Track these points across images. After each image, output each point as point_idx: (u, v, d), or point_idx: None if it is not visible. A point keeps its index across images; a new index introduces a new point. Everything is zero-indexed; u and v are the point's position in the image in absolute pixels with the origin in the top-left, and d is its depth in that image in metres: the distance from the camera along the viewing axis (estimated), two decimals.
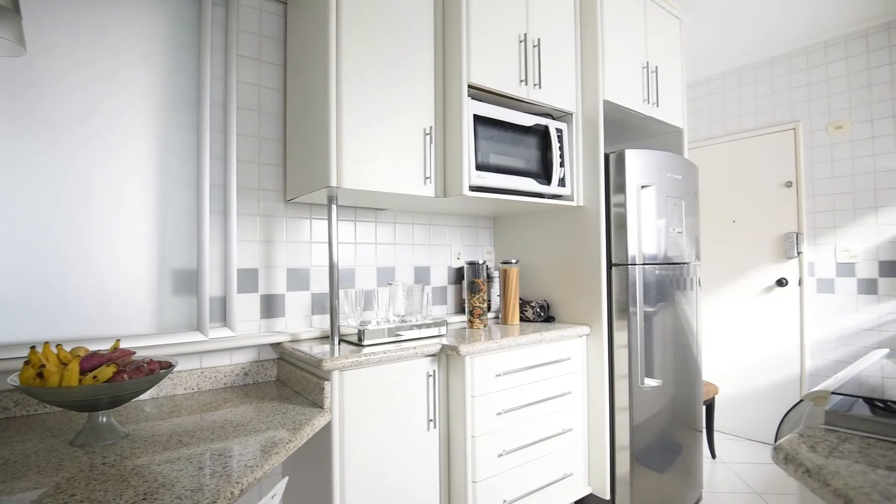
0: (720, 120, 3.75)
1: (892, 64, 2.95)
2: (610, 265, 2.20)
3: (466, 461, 1.77)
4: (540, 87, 2.15)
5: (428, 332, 1.96)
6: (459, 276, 2.59)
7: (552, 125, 2.19)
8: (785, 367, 3.32)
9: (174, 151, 1.75)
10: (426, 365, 1.78)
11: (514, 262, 2.36)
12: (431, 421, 1.78)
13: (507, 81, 2.06)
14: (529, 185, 2.11)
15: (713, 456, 3.11)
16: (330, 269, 1.83)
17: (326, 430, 1.55)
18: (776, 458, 0.76)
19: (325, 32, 1.69)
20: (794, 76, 3.36)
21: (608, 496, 2.15)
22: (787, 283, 3.32)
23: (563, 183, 2.21)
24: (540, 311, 2.38)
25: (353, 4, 1.72)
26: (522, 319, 2.42)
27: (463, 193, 1.88)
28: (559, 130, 2.22)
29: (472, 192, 1.92)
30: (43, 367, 1.08)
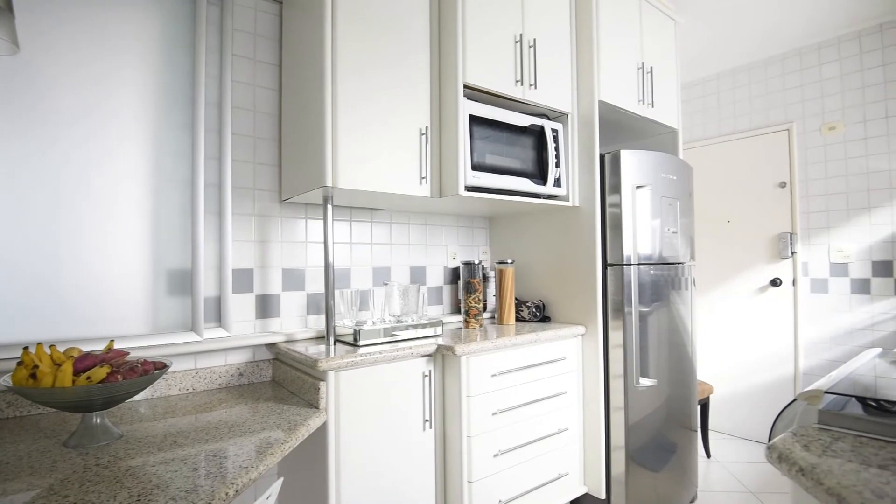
0: (715, 121, 3.77)
1: (884, 65, 2.97)
2: (605, 265, 2.21)
3: (462, 461, 1.77)
4: (535, 87, 2.16)
5: (424, 332, 1.95)
6: (455, 276, 2.59)
7: (548, 125, 2.20)
8: (779, 366, 3.33)
9: (169, 151, 1.74)
10: (422, 365, 1.78)
11: (509, 262, 2.36)
12: (427, 421, 1.78)
13: (502, 82, 2.06)
14: (525, 185, 2.11)
15: (708, 455, 3.12)
16: (325, 269, 1.83)
17: (322, 430, 1.54)
18: (770, 457, 0.77)
19: (320, 32, 1.69)
20: (787, 77, 3.38)
21: (603, 496, 2.16)
22: (781, 283, 3.33)
23: (558, 183, 2.21)
24: (536, 311, 2.38)
25: (348, 4, 1.72)
26: (518, 319, 2.42)
27: (459, 193, 1.89)
28: (555, 131, 2.22)
29: (467, 192, 1.92)
30: (36, 367, 1.08)
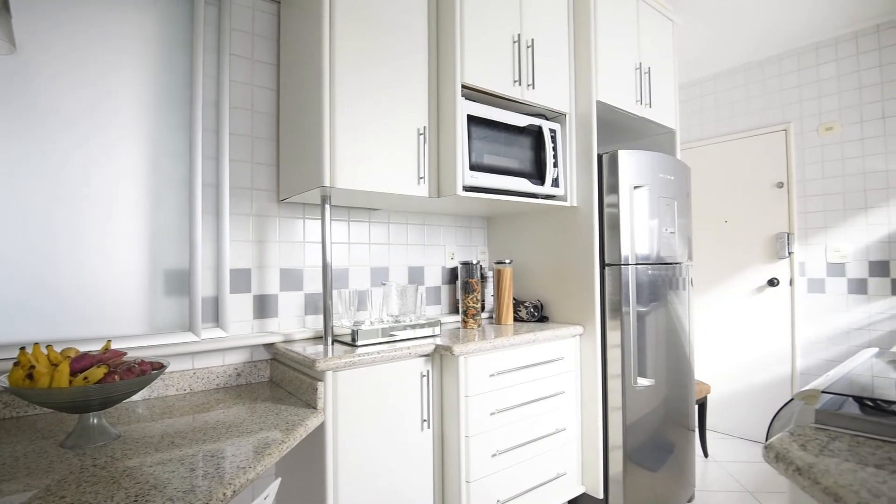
0: (712, 121, 3.77)
1: (881, 66, 2.98)
2: (603, 265, 2.21)
3: (460, 461, 1.77)
4: (533, 87, 2.16)
5: (422, 332, 1.95)
6: (453, 276, 2.59)
7: (546, 126, 2.20)
8: (776, 366, 3.34)
9: (166, 151, 1.74)
10: (420, 365, 1.78)
11: (507, 262, 2.36)
12: (425, 421, 1.78)
13: (500, 82, 2.06)
14: (523, 185, 2.11)
15: (705, 455, 3.13)
16: (323, 269, 1.83)
17: (320, 430, 1.54)
18: (767, 456, 0.77)
19: (318, 32, 1.69)
20: (785, 78, 3.39)
21: (601, 495, 2.16)
22: (778, 282, 3.34)
23: (556, 183, 2.21)
24: (534, 311, 2.38)
25: (346, 4, 1.72)
26: (516, 319, 2.42)
27: (457, 193, 1.89)
28: (553, 131, 2.23)
29: (465, 192, 1.92)
30: (33, 368, 1.07)
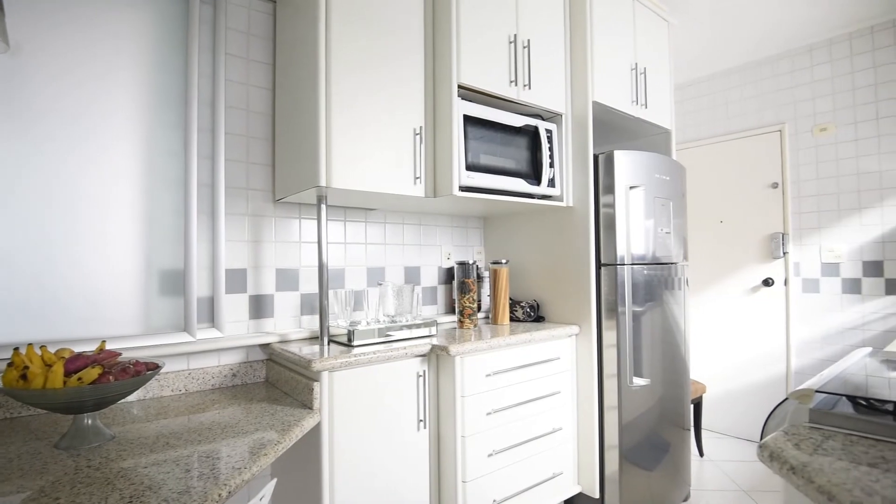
0: (708, 122, 3.79)
1: (875, 67, 3.00)
2: (599, 265, 2.22)
3: (456, 461, 1.77)
4: (530, 87, 2.16)
5: (418, 332, 1.95)
6: (450, 276, 2.60)
7: (542, 126, 2.20)
8: (771, 365, 3.36)
9: (161, 150, 1.73)
10: (416, 365, 1.78)
11: (504, 262, 2.36)
12: (421, 421, 1.78)
13: (497, 82, 2.06)
14: (519, 185, 2.11)
15: (701, 454, 3.14)
16: (319, 269, 1.83)
17: (316, 431, 1.54)
18: (761, 455, 0.77)
19: (314, 31, 1.68)
20: (779, 79, 3.40)
21: (597, 495, 2.16)
22: (773, 282, 3.36)
23: (552, 183, 2.22)
24: (530, 310, 2.38)
25: (342, 4, 1.72)
26: (512, 319, 2.42)
27: (453, 194, 1.89)
28: (549, 131, 2.23)
29: (462, 192, 1.92)
30: (27, 368, 1.07)
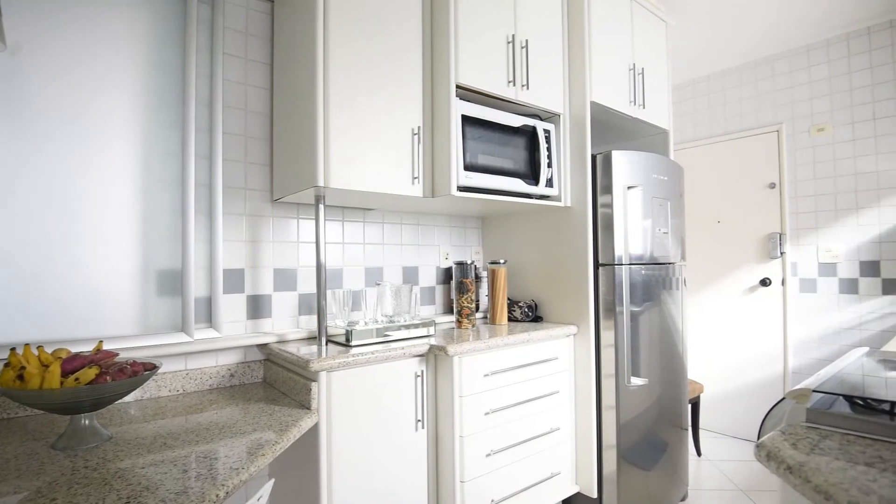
0: (705, 122, 3.79)
1: (872, 68, 3.01)
2: (597, 265, 2.22)
3: (454, 461, 1.77)
4: (528, 87, 2.16)
5: (416, 332, 1.95)
6: (448, 276, 2.59)
7: (540, 126, 2.20)
8: (768, 365, 3.36)
9: (159, 150, 1.73)
10: (414, 365, 1.78)
11: (502, 262, 2.36)
12: (420, 421, 1.78)
13: (495, 82, 2.06)
14: (517, 185, 2.11)
15: (698, 454, 3.15)
16: (317, 269, 1.82)
17: (314, 431, 1.54)
18: (759, 455, 0.77)
19: (312, 31, 1.68)
20: (777, 79, 3.41)
21: (595, 494, 2.16)
22: (770, 282, 3.36)
23: (550, 183, 2.22)
24: (528, 310, 2.39)
25: (340, 3, 1.71)
26: (510, 319, 2.42)
27: (451, 194, 1.89)
28: (547, 131, 2.23)
29: (460, 192, 1.92)
30: (23, 369, 1.06)
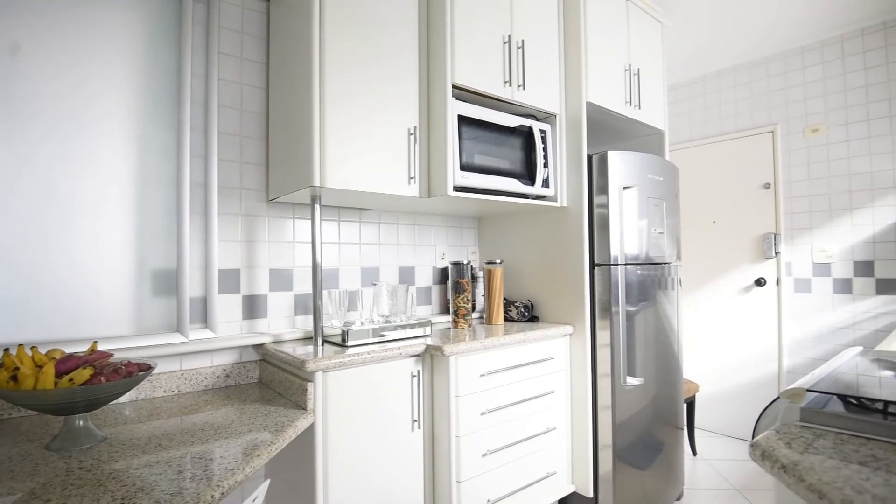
0: (701, 122, 3.81)
1: (866, 69, 3.02)
2: (593, 265, 2.22)
3: (451, 461, 1.77)
4: (524, 88, 2.16)
5: (412, 332, 1.95)
6: (444, 276, 2.59)
7: (536, 126, 2.21)
8: (763, 365, 3.38)
9: (154, 150, 1.72)
10: (410, 365, 1.78)
11: (498, 262, 2.36)
12: (416, 421, 1.78)
13: (491, 82, 2.06)
14: (513, 185, 2.11)
15: (694, 453, 3.16)
16: (313, 269, 1.82)
17: (310, 431, 1.53)
18: (753, 454, 0.77)
19: (308, 31, 1.68)
20: (772, 80, 3.43)
21: (591, 494, 2.17)
22: (765, 282, 3.38)
23: (546, 184, 2.22)
24: (524, 310, 2.39)
25: (336, 3, 1.71)
26: (507, 319, 2.43)
27: (447, 194, 1.89)
28: (543, 131, 2.23)
29: (456, 192, 1.92)
30: (17, 369, 1.06)
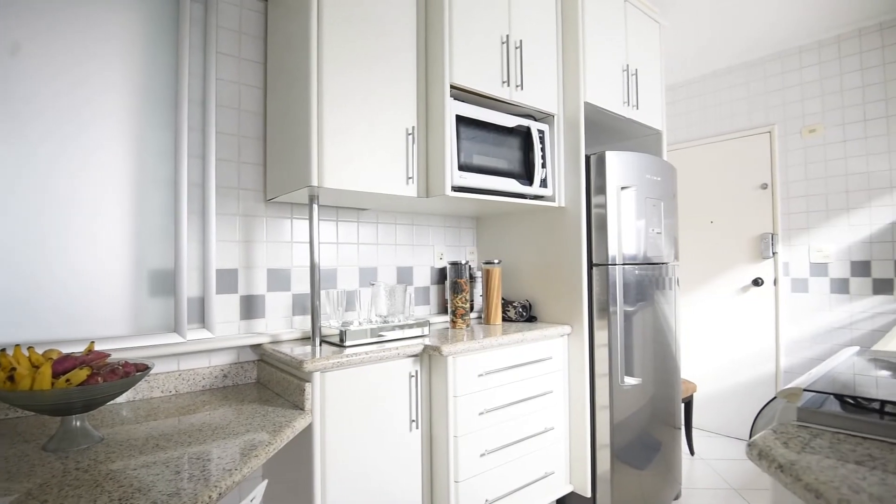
0: (698, 123, 3.81)
1: (862, 70, 3.03)
2: (591, 265, 2.22)
3: (449, 461, 1.77)
4: (522, 88, 2.16)
5: (410, 332, 1.95)
6: (442, 276, 2.59)
7: (534, 126, 2.21)
8: (761, 364, 3.39)
9: (151, 150, 1.72)
10: (408, 365, 1.78)
11: (496, 262, 2.36)
12: (414, 421, 1.78)
13: (489, 82, 2.06)
14: (511, 185, 2.11)
15: (692, 453, 3.16)
16: (311, 269, 1.82)
17: (307, 431, 1.53)
18: (750, 454, 0.78)
19: (306, 31, 1.68)
20: (769, 81, 3.43)
21: (589, 494, 2.17)
22: (762, 282, 3.39)
23: (544, 184, 2.22)
24: (522, 310, 2.39)
25: (334, 3, 1.71)
26: (505, 319, 2.43)
27: (445, 194, 1.88)
28: (541, 132, 2.23)
29: (454, 192, 1.92)
30: (14, 370, 1.05)
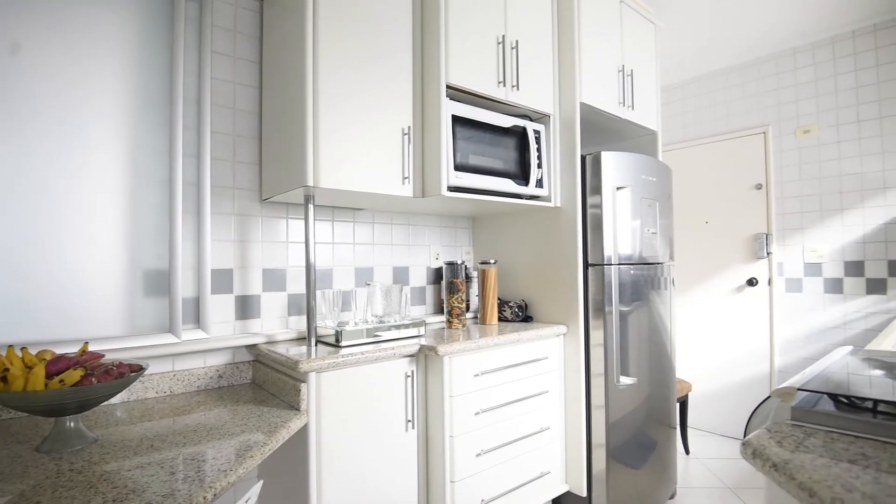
0: (694, 123, 3.83)
1: (856, 71, 3.05)
2: (586, 265, 2.23)
3: (445, 461, 1.77)
4: (518, 88, 2.17)
5: (406, 332, 1.95)
6: (438, 276, 2.59)
7: (530, 126, 2.21)
8: (755, 364, 3.40)
9: (146, 149, 1.71)
10: (404, 365, 1.78)
11: (492, 262, 2.36)
12: (410, 421, 1.78)
13: (485, 82, 2.06)
14: (507, 185, 2.12)
15: (687, 452, 3.17)
16: (307, 269, 1.81)
17: (303, 432, 1.53)
18: (744, 453, 0.78)
19: (301, 30, 1.67)
20: (764, 81, 3.45)
21: (585, 493, 2.18)
22: (757, 282, 3.40)
23: (540, 184, 2.23)
24: (518, 310, 2.39)
25: (330, 3, 1.71)
26: (501, 319, 2.43)
27: (441, 194, 1.88)
28: (537, 132, 2.24)
29: (450, 192, 1.92)
30: (7, 370, 1.05)
